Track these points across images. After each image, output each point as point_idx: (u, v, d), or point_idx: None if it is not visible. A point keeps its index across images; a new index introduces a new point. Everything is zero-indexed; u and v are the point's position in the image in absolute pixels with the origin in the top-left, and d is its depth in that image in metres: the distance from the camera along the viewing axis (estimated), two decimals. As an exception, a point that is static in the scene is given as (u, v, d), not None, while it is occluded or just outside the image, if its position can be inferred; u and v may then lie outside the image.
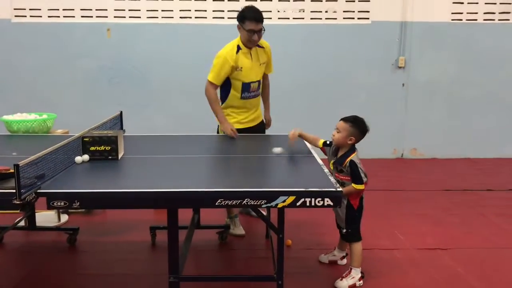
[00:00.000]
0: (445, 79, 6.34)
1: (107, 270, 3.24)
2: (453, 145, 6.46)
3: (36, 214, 3.65)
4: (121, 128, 3.88)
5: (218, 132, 3.91)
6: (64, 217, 4.10)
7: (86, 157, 2.83)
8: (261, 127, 4.04)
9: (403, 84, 6.34)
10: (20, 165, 2.10)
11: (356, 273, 3.02)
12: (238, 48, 3.71)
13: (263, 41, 3.87)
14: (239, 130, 3.75)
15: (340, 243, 3.31)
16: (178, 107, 6.08)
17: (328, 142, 3.14)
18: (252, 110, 3.91)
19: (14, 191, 2.10)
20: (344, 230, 3.09)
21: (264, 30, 3.68)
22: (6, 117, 3.90)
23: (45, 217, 3.98)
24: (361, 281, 3.03)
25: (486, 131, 6.45)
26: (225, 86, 3.79)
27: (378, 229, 3.92)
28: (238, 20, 3.67)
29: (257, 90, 3.89)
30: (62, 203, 2.21)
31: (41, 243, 3.67)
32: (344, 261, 3.31)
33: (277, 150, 3.05)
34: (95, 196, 2.26)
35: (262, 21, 3.64)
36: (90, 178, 2.62)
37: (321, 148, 3.19)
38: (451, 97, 6.39)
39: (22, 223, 3.68)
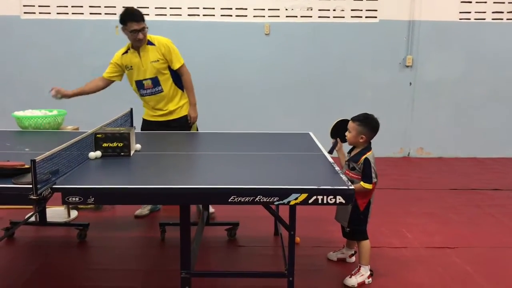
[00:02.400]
0: (453, 78, 6.34)
1: (118, 266, 3.27)
2: (460, 145, 6.47)
3: (46, 209, 3.69)
4: (131, 125, 3.91)
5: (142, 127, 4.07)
6: (74, 213, 4.14)
7: (98, 153, 2.85)
8: (182, 121, 4.03)
9: (410, 83, 6.35)
10: (36, 160, 2.12)
11: (365, 271, 3.04)
12: (128, 49, 3.90)
13: (155, 38, 3.91)
14: (154, 123, 3.99)
15: (348, 241, 3.33)
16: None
17: None
18: (158, 106, 3.96)
19: (30, 186, 2.12)
20: (348, 229, 3.11)
21: (147, 27, 3.80)
22: (17, 113, 3.93)
23: (55, 213, 4.02)
24: (370, 279, 3.04)
25: (493, 130, 6.45)
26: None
27: (386, 227, 3.93)
28: (120, 23, 3.78)
29: (155, 88, 3.91)
30: (77, 199, 2.23)
31: (51, 238, 3.70)
32: (353, 259, 3.33)
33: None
34: (110, 192, 2.27)
35: (143, 20, 3.76)
36: (104, 174, 2.64)
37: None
38: (459, 96, 6.39)
39: (33, 219, 3.71)
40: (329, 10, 6.16)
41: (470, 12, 6.21)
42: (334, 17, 6.17)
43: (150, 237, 3.72)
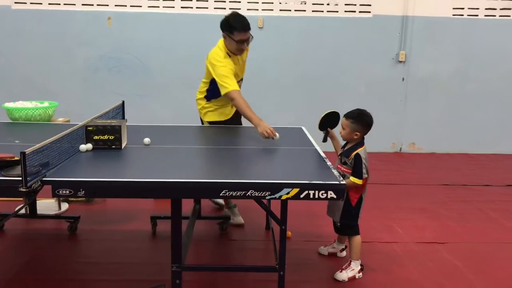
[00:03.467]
0: (445, 74, 6.36)
1: (108, 259, 3.26)
2: (451, 140, 6.50)
3: (37, 202, 3.67)
4: (123, 117, 3.88)
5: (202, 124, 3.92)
6: (65, 206, 4.11)
7: (89, 146, 2.83)
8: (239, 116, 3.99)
9: (403, 79, 6.35)
10: (26, 152, 2.10)
11: (355, 265, 3.06)
12: (228, 55, 3.59)
13: None
14: (222, 122, 3.83)
15: (339, 236, 3.34)
16: (178, 97, 6.07)
17: None
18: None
19: (19, 178, 2.10)
20: (339, 224, 3.12)
21: (253, 37, 3.57)
22: (7, 105, 3.89)
23: (46, 205, 3.99)
24: (361, 273, 3.06)
25: (485, 126, 6.48)
26: (212, 85, 3.71)
27: (377, 222, 3.95)
28: (224, 30, 3.52)
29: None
30: (67, 191, 2.22)
31: (42, 231, 3.68)
32: (344, 253, 3.34)
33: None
34: (101, 185, 2.26)
35: (250, 28, 3.50)
36: (95, 167, 2.62)
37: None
38: (451, 92, 6.41)
39: (23, 211, 3.69)
40: (322, 4, 6.13)
41: (463, 8, 6.21)
42: (327, 11, 6.15)
43: (141, 230, 3.71)
